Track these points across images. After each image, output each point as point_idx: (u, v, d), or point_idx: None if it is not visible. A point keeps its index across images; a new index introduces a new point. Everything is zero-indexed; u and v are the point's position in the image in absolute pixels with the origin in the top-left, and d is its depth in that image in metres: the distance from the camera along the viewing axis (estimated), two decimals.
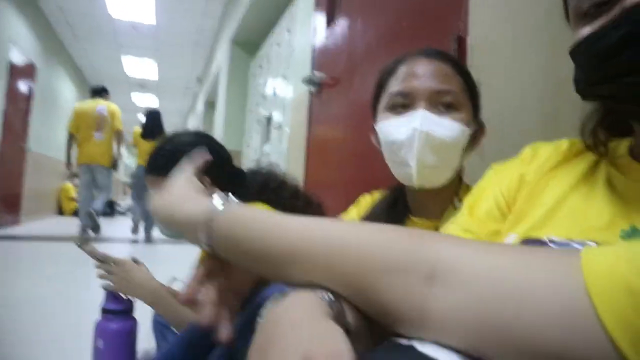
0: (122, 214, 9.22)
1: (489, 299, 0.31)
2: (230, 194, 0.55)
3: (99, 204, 5.04)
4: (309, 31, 2.45)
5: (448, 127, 0.77)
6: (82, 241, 1.24)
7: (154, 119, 5.54)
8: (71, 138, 5.23)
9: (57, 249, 4.34)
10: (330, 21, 2.19)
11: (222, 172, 1.27)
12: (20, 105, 6.09)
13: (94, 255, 1.21)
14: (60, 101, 8.36)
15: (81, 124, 5.13)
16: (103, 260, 1.20)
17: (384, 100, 0.85)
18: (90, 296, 2.55)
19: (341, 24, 2.06)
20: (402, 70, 0.83)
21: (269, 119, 4.03)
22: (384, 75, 0.88)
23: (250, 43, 5.46)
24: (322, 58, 2.24)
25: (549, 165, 0.57)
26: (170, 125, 15.52)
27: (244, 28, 5.23)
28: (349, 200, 1.18)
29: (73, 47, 8.47)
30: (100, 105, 5.29)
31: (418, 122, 0.77)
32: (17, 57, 5.88)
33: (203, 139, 1.31)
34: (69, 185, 8.42)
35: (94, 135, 5.11)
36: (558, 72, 0.88)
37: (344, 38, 2.01)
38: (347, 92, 1.92)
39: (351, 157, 1.84)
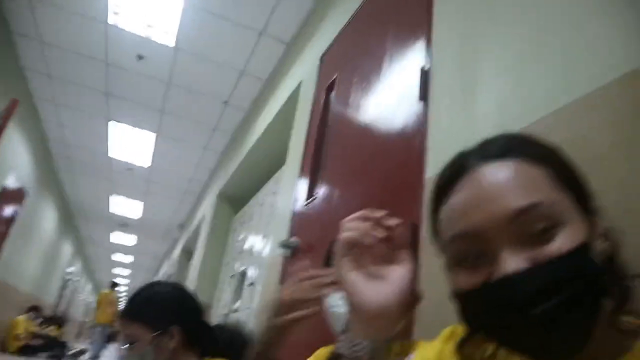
0: (72, 357, 8.64)
1: None
2: None
3: None
4: (290, 197, 2.67)
5: None
6: None
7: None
8: None
9: None
10: (310, 191, 2.41)
11: (194, 326, 1.35)
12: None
13: None
14: (39, 229, 8.38)
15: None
16: None
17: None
18: None
19: (320, 195, 2.27)
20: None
21: (243, 275, 4.10)
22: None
23: (235, 198, 5.75)
24: (300, 224, 2.41)
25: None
26: (145, 266, 15.28)
27: (232, 184, 5.56)
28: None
29: (66, 178, 8.77)
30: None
31: None
32: (11, 182, 6.07)
33: (179, 291, 1.41)
34: (20, 319, 7.81)
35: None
36: None
37: (321, 208, 2.21)
38: (319, 260, 2.06)
39: (317, 321, 1.90)
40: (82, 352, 8.98)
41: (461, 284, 0.52)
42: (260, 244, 3.83)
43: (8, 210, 6.25)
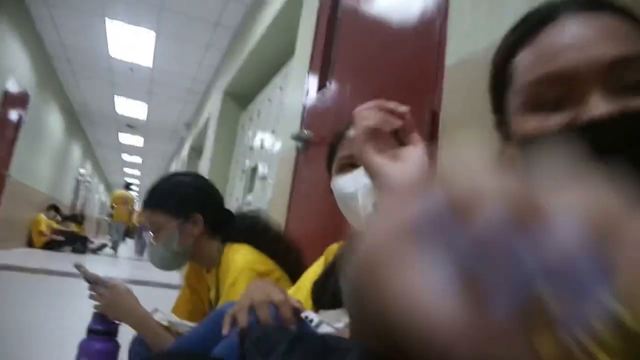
0: (94, 251, 9.15)
1: None
2: None
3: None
4: (300, 91, 2.65)
5: None
6: (78, 264, 1.33)
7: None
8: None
9: (29, 279, 4.31)
10: (321, 84, 2.39)
11: (215, 214, 1.41)
12: (7, 133, 6.15)
13: (87, 276, 1.29)
14: (47, 133, 8.43)
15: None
16: (95, 282, 1.29)
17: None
18: (63, 324, 2.57)
19: (331, 88, 2.25)
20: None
21: (254, 170, 4.18)
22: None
23: (242, 95, 5.69)
24: (311, 117, 2.42)
25: None
26: (154, 166, 15.53)
27: (238, 81, 5.47)
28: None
29: (68, 81, 8.63)
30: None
31: None
32: (13, 86, 6.00)
33: (199, 180, 1.45)
34: (42, 217, 8.30)
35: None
36: None
37: (333, 101, 2.20)
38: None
39: (330, 213, 1.98)
40: (103, 246, 9.55)
41: (536, 128, 0.49)
42: (270, 139, 3.87)
43: (13, 114, 6.26)
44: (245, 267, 1.21)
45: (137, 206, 12.49)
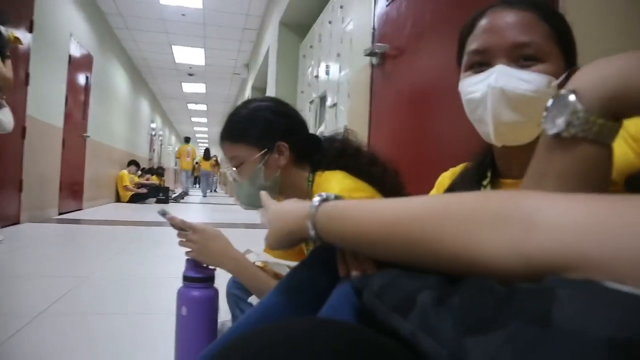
0: (176, 199, 9.65)
1: (592, 240, 0.31)
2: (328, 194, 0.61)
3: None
4: (367, 3, 2.40)
5: (528, 81, 0.71)
6: (163, 211, 1.25)
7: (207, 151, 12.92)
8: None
9: (118, 231, 4.51)
10: None
11: (301, 140, 1.25)
12: (79, 96, 6.30)
13: (173, 222, 1.20)
14: (115, 91, 8.61)
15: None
16: (182, 228, 1.20)
17: (464, 60, 0.80)
18: (153, 272, 2.62)
19: None
20: (480, 25, 0.77)
21: (322, 99, 4.00)
22: (462, 32, 0.81)
23: (299, 23, 5.44)
24: (384, 29, 2.18)
25: None
26: (219, 112, 15.76)
27: (293, 9, 5.21)
28: (416, 180, 1.13)
29: (125, 36, 8.68)
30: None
31: (493, 78, 0.73)
32: (75, 50, 6.06)
33: (280, 105, 1.29)
34: (124, 173, 8.71)
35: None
36: None
37: (407, 7, 1.95)
38: (413, 62, 1.86)
39: (419, 131, 1.78)
40: (184, 194, 10.28)
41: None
42: (335, 64, 3.64)
43: (81, 77, 6.37)
44: (343, 195, 1.07)
45: (199, 156, 14.13)
